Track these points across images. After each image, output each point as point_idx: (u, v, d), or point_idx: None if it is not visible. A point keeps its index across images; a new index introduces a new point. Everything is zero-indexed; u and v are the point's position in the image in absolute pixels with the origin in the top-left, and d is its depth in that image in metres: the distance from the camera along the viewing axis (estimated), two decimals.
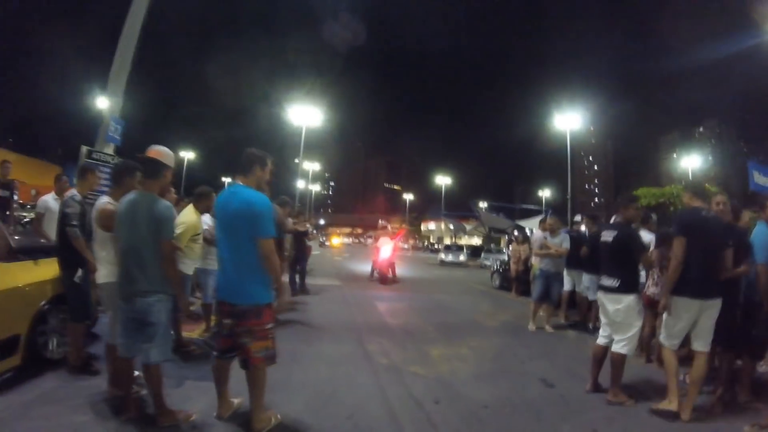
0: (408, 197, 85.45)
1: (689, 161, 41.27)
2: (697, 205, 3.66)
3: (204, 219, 4.85)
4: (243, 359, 2.77)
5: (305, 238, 9.39)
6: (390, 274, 12.35)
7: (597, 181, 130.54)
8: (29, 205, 12.94)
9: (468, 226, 39.80)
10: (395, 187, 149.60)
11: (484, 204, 38.92)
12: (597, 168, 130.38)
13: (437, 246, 47.83)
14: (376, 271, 12.71)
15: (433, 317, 7.38)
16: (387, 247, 12.20)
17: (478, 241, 49.75)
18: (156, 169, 2.98)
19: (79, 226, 3.51)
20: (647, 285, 4.88)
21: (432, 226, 78.36)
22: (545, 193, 56.72)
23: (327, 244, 43.16)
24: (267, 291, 2.76)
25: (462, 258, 24.72)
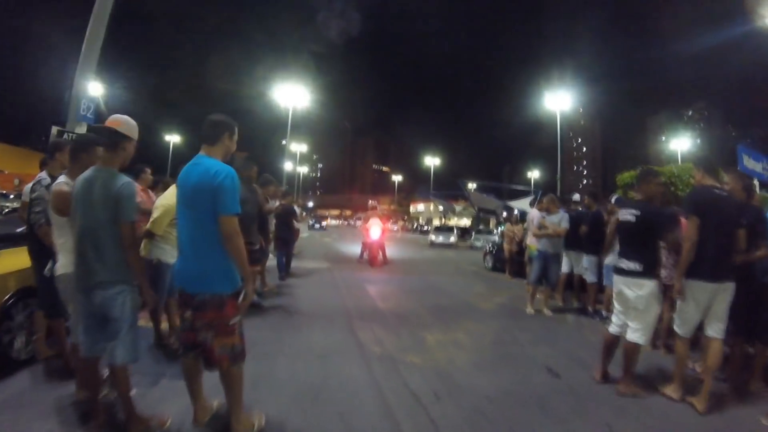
0: (396, 178, 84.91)
1: (678, 143, 41.44)
2: (710, 183, 3.46)
3: None
4: (206, 358, 2.42)
5: (293, 220, 8.97)
6: (380, 256, 12.07)
7: (585, 162, 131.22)
8: (12, 195, 12.52)
9: (458, 207, 39.71)
10: (383, 168, 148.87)
11: (473, 185, 38.70)
12: (585, 149, 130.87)
13: (426, 228, 47.57)
14: (365, 253, 12.41)
15: (426, 300, 7.11)
16: (376, 228, 11.87)
17: (466, 222, 49.86)
18: (113, 140, 2.56)
19: (43, 211, 3.11)
20: None
21: (421, 207, 78.27)
22: (534, 173, 56.72)
23: (317, 226, 42.41)
24: (230, 279, 2.38)
25: (452, 239, 24.57)
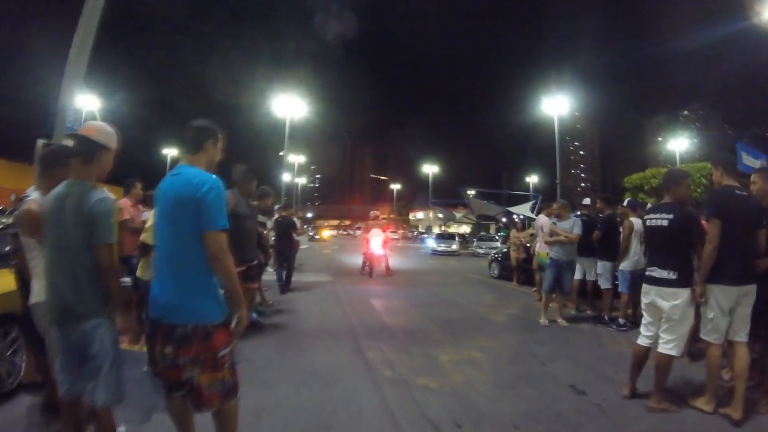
0: (395, 187, 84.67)
1: (676, 144, 41.29)
2: (730, 183, 3.33)
3: None
4: (193, 398, 2.07)
5: (293, 232, 8.65)
6: (384, 267, 11.75)
7: (583, 166, 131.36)
8: (9, 211, 12.21)
9: (458, 214, 39.40)
10: (382, 177, 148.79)
11: (472, 191, 38.45)
12: (583, 153, 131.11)
13: (426, 235, 47.13)
14: (367, 265, 12.06)
15: (434, 314, 6.76)
16: (378, 239, 11.54)
17: (466, 229, 49.50)
18: (87, 150, 2.24)
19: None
20: None
21: (420, 215, 77.93)
22: (532, 179, 56.60)
23: (318, 237, 41.91)
24: (217, 305, 2.05)
25: (454, 246, 24.22)
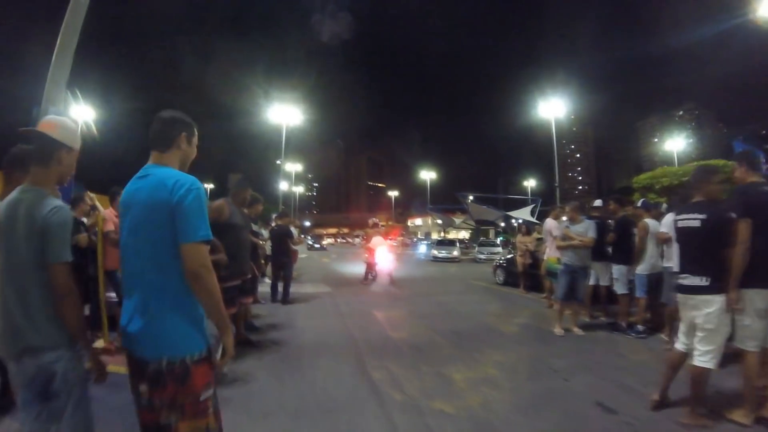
0: (393, 194, 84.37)
1: (672, 144, 41.17)
2: (754, 179, 3.20)
3: None
4: None
5: (288, 241, 8.25)
6: (388, 277, 11.40)
7: (579, 168, 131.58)
8: None
9: (457, 220, 39.03)
10: (379, 184, 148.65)
11: (470, 196, 38.10)
12: (579, 155, 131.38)
13: (421, 241, 46.56)
14: (370, 274, 11.68)
15: (441, 325, 6.37)
16: (383, 249, 11.15)
17: (465, 234, 49.13)
18: (44, 149, 1.87)
19: None
20: None
21: (419, 221, 77.64)
22: (530, 182, 56.45)
23: (318, 246, 41.19)
24: (197, 335, 1.66)
25: (455, 253, 23.80)
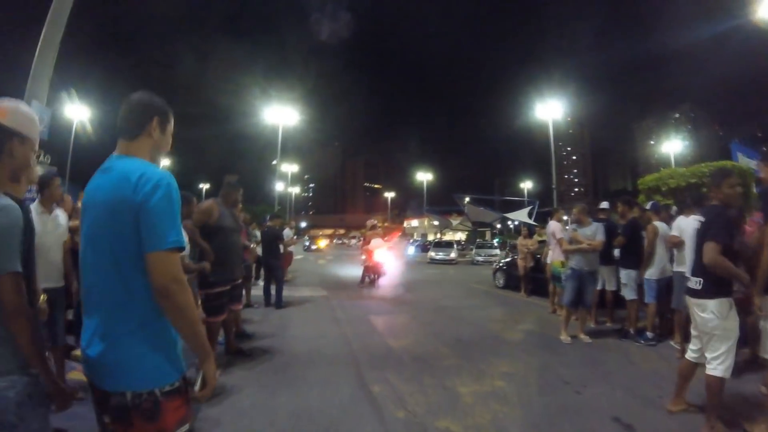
0: (389, 195, 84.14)
1: (669, 146, 41.16)
2: None
3: None
4: None
5: (278, 243, 7.93)
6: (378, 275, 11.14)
7: (576, 170, 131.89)
8: None
9: (454, 221, 38.88)
10: (375, 185, 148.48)
11: (467, 198, 37.97)
12: (575, 157, 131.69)
13: (417, 242, 46.19)
14: (368, 277, 11.40)
15: (443, 333, 6.09)
16: (381, 251, 10.87)
17: (461, 236, 48.95)
18: None
19: None
20: None
21: (415, 222, 77.42)
22: (526, 184, 56.47)
23: (314, 247, 40.67)
24: (168, 361, 1.37)
25: (453, 255, 23.53)
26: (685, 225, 4.93)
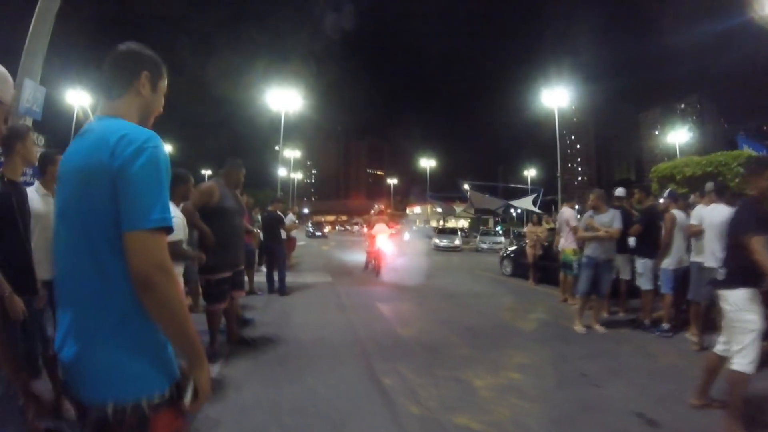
0: (392, 181, 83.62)
1: (674, 137, 40.51)
2: None
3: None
4: None
5: (278, 227, 7.71)
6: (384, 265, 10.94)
7: (579, 159, 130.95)
8: None
9: (457, 208, 38.53)
10: (378, 171, 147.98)
11: (471, 184, 37.54)
12: (579, 146, 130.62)
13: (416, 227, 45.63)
14: (371, 263, 11.23)
15: (452, 321, 5.91)
16: (384, 237, 10.66)
17: (464, 223, 48.70)
18: None
19: None
20: None
21: (418, 209, 77.09)
22: (530, 172, 55.91)
23: (320, 234, 40.30)
24: (155, 369, 1.12)
25: (457, 242, 23.36)
26: (705, 214, 4.70)
